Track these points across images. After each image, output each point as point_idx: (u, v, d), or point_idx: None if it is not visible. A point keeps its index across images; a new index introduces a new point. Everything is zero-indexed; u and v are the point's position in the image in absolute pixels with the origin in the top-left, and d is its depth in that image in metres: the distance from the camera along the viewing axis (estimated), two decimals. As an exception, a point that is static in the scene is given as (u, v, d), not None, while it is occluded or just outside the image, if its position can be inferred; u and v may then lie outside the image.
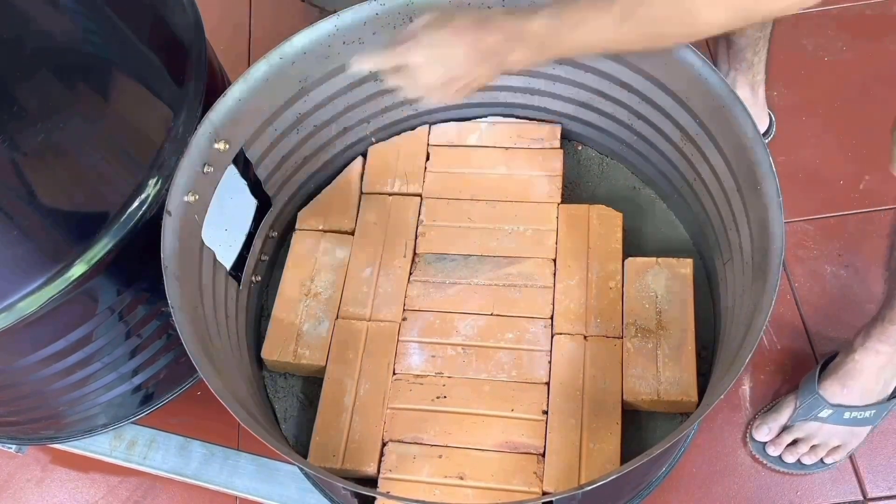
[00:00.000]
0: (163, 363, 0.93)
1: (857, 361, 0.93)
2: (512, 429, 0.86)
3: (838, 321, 1.10)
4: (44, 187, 0.71)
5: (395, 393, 0.89)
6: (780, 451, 0.99)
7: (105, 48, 0.76)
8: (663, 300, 0.92)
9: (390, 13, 0.90)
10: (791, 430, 0.98)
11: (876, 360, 0.92)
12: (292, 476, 1.00)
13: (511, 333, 0.92)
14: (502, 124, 1.06)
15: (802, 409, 0.97)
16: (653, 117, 0.93)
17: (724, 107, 0.80)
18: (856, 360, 0.93)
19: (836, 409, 0.95)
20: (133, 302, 0.83)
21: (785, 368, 1.07)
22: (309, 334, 0.94)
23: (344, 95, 0.97)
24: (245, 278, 0.95)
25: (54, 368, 0.84)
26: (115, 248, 0.75)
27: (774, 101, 1.30)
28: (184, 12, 0.86)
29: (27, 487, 1.10)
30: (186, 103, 0.82)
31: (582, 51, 0.79)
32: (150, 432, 1.05)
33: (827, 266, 1.15)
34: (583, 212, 0.99)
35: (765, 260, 0.74)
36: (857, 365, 0.93)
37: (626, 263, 0.94)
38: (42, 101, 0.69)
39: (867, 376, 0.93)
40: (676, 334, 0.89)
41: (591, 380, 0.88)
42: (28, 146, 0.68)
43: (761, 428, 1.00)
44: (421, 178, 1.04)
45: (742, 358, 0.68)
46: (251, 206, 0.96)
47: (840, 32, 1.35)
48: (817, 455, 0.98)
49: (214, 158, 0.83)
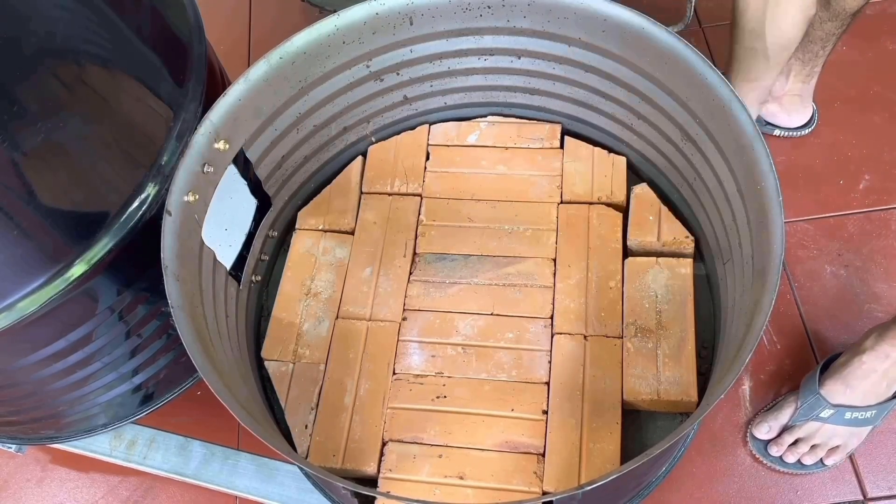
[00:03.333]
0: (163, 363, 0.93)
1: (865, 363, 0.93)
2: (512, 428, 0.86)
3: (838, 321, 1.11)
4: (44, 187, 0.71)
5: (395, 393, 0.89)
6: (782, 450, 0.99)
7: (105, 48, 0.76)
8: (663, 300, 0.92)
9: (390, 13, 0.90)
10: (792, 431, 0.98)
11: (884, 363, 0.92)
12: (292, 476, 1.00)
13: (511, 333, 0.92)
14: (502, 124, 1.06)
15: (804, 408, 0.97)
16: (653, 117, 0.93)
17: (724, 107, 0.80)
18: (863, 361, 0.93)
19: (837, 410, 0.95)
20: (133, 302, 0.83)
21: (785, 368, 1.07)
22: (309, 334, 0.94)
23: (344, 95, 0.97)
24: (245, 278, 0.95)
25: (54, 368, 0.84)
26: (115, 248, 0.75)
27: (774, 100, 1.30)
28: (184, 12, 0.86)
29: (27, 487, 1.10)
30: (186, 103, 0.82)
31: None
32: (150, 432, 1.05)
33: (827, 266, 1.15)
34: (583, 212, 0.99)
35: (765, 260, 0.74)
36: (864, 366, 0.93)
37: (626, 263, 0.94)
38: (42, 101, 0.69)
39: (873, 378, 0.94)
40: (676, 334, 0.89)
41: (591, 380, 0.88)
42: (28, 146, 0.68)
43: (761, 426, 1.00)
44: (421, 178, 1.04)
45: (742, 358, 0.68)
46: (251, 206, 0.96)
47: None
48: (817, 455, 0.98)
49: (214, 158, 0.83)
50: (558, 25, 0.91)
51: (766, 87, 1.15)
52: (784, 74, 1.20)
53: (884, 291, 1.12)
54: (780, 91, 1.22)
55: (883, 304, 1.11)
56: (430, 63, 0.98)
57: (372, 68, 0.96)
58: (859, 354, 0.94)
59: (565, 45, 0.93)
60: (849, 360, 0.95)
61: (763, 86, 1.14)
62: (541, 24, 0.91)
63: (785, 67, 1.16)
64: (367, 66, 0.95)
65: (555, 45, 0.94)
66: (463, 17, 0.92)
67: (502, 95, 1.04)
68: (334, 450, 0.86)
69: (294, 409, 0.89)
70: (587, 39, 0.90)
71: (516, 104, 1.05)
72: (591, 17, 0.87)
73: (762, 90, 1.15)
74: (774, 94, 1.23)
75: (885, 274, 1.13)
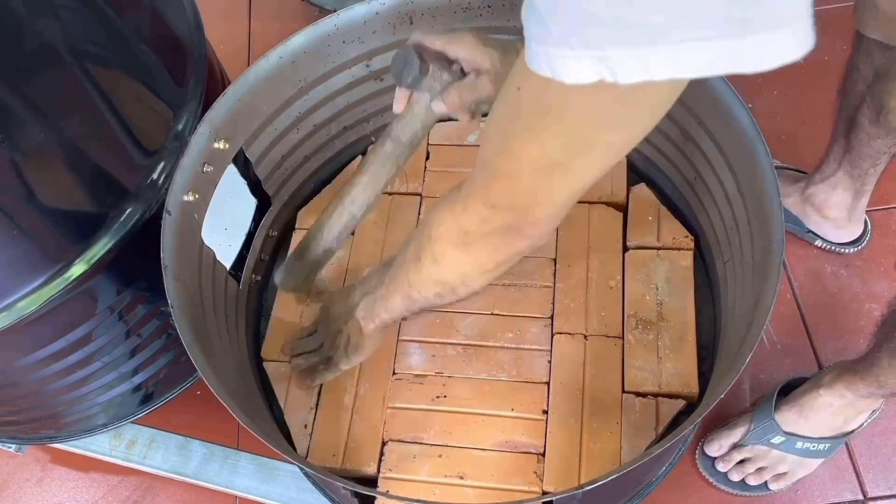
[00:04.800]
0: (163, 363, 0.93)
1: (822, 396, 0.92)
2: (512, 428, 0.86)
3: (838, 321, 1.10)
4: (44, 187, 0.71)
5: (395, 392, 0.89)
6: (728, 467, 0.98)
7: (105, 48, 0.76)
8: (664, 292, 0.92)
9: (390, 13, 0.90)
10: (742, 450, 0.97)
11: (839, 401, 0.91)
12: (292, 475, 1.00)
13: (511, 333, 0.92)
14: (502, 124, 1.06)
15: (756, 431, 0.96)
16: (653, 117, 0.93)
17: (725, 107, 0.80)
18: (820, 394, 0.92)
19: (789, 438, 0.94)
20: (133, 301, 0.83)
21: (785, 368, 1.07)
22: (309, 334, 0.94)
23: (343, 95, 0.97)
24: (245, 278, 0.95)
25: (54, 368, 0.84)
26: (115, 247, 0.75)
27: (774, 100, 1.30)
28: (184, 12, 0.86)
29: (27, 487, 1.10)
30: (186, 103, 0.82)
31: None
32: (150, 432, 1.05)
33: (827, 266, 1.15)
34: (583, 211, 0.99)
35: (765, 259, 0.74)
36: (820, 399, 0.92)
37: (627, 256, 0.95)
38: (42, 101, 0.69)
39: (828, 412, 0.92)
40: (677, 326, 0.89)
41: (591, 379, 0.88)
42: (28, 146, 0.68)
43: (713, 443, 0.99)
44: (421, 177, 1.04)
45: (742, 357, 0.68)
46: (251, 206, 0.96)
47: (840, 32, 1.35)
48: (762, 477, 0.97)
49: (214, 157, 0.83)
50: (558, 25, 0.91)
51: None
52: (830, 185, 1.08)
53: (884, 291, 1.12)
54: (824, 202, 1.10)
55: (883, 304, 1.11)
56: (430, 63, 0.98)
57: (372, 68, 0.96)
58: (817, 388, 0.92)
59: (565, 45, 0.93)
60: (807, 390, 0.94)
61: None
62: (541, 24, 0.91)
63: (832, 178, 1.07)
64: (367, 66, 0.95)
65: (555, 45, 0.93)
66: (463, 16, 0.92)
67: (502, 95, 1.04)
68: (334, 449, 0.86)
69: (294, 409, 0.89)
70: (587, 39, 0.90)
71: (516, 104, 1.05)
72: (591, 17, 0.87)
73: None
74: (816, 204, 1.11)
75: (885, 274, 1.13)
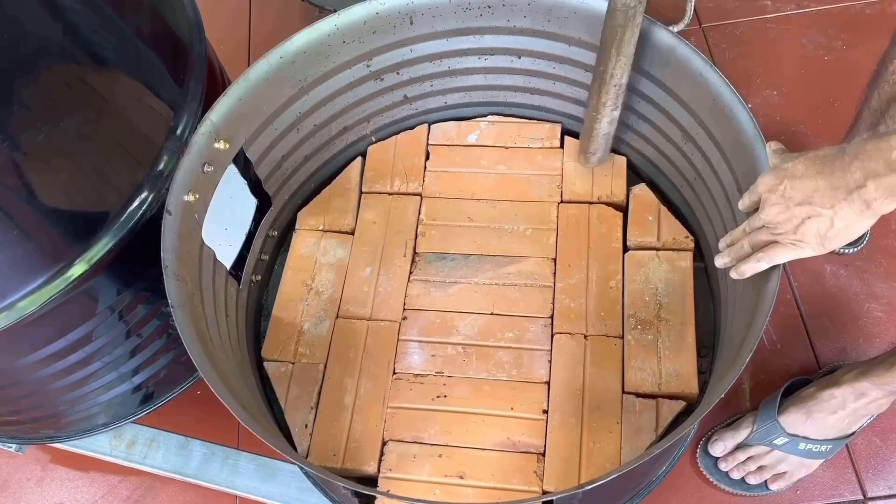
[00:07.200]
0: (163, 363, 0.93)
1: (837, 398, 0.90)
2: (512, 428, 0.86)
3: (838, 321, 1.10)
4: (44, 187, 0.71)
5: (396, 392, 0.89)
6: (731, 466, 0.97)
7: (105, 48, 0.76)
8: (663, 292, 0.92)
9: (390, 12, 0.90)
10: (745, 449, 0.97)
11: (858, 400, 0.89)
12: (292, 475, 1.00)
13: (511, 333, 0.92)
14: (502, 123, 1.06)
15: (760, 432, 0.95)
16: (653, 117, 0.93)
17: (725, 106, 0.80)
18: (835, 395, 0.90)
19: (792, 439, 0.93)
20: (133, 301, 0.83)
21: (785, 368, 1.07)
22: (309, 334, 0.94)
23: (344, 95, 0.97)
24: (245, 278, 0.95)
25: (54, 368, 0.84)
26: (115, 247, 0.75)
27: (774, 100, 1.30)
28: (184, 12, 0.86)
29: (27, 487, 1.10)
30: (186, 103, 0.82)
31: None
32: (151, 431, 1.05)
33: (827, 266, 1.15)
34: (583, 211, 0.99)
35: (765, 260, 0.74)
36: (834, 401, 0.90)
37: (627, 256, 0.95)
38: (42, 101, 0.69)
39: (840, 414, 0.91)
40: (676, 326, 0.89)
41: (591, 379, 0.88)
42: (28, 146, 0.68)
43: (717, 444, 0.98)
44: (421, 178, 1.04)
45: (742, 358, 0.68)
46: (251, 206, 0.96)
47: (840, 32, 1.35)
48: (762, 476, 0.96)
49: (214, 157, 0.83)
50: (558, 25, 0.91)
51: None
52: None
53: (884, 291, 1.12)
54: None
55: (883, 304, 1.11)
56: (431, 62, 0.98)
57: (372, 68, 0.96)
58: (831, 388, 0.90)
59: (565, 45, 0.93)
60: (818, 392, 0.92)
61: None
62: (541, 24, 0.91)
63: None
64: (368, 66, 0.95)
65: (555, 45, 0.94)
66: (463, 16, 0.92)
67: (502, 95, 1.04)
68: (334, 449, 0.86)
69: (294, 409, 0.89)
70: (587, 39, 0.90)
71: (516, 104, 1.05)
72: (591, 17, 0.87)
73: None
74: None
75: (885, 274, 1.13)
